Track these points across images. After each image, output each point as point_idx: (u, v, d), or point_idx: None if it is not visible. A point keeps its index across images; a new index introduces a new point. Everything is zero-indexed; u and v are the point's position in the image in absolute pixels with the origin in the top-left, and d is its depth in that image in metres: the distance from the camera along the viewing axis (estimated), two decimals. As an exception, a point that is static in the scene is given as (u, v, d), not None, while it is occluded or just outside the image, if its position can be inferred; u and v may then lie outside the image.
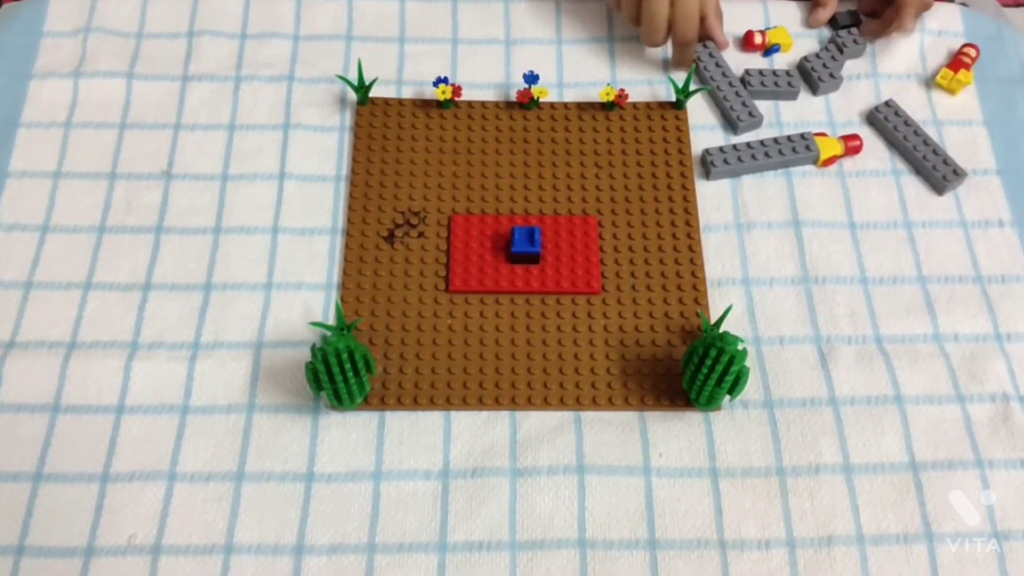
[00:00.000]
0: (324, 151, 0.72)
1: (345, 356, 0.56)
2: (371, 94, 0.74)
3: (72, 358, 0.63)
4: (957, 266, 0.68)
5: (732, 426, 0.61)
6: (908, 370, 0.63)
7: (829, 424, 0.61)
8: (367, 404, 0.61)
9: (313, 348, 0.56)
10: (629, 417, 0.61)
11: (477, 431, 0.61)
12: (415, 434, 0.61)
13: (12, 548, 0.56)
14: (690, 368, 0.59)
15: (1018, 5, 1.12)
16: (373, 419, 0.61)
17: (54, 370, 0.62)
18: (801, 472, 0.60)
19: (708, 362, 0.57)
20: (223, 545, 0.56)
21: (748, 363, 0.59)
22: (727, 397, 0.60)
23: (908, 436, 0.61)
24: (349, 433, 0.61)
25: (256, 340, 0.64)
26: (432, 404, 0.61)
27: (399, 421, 0.61)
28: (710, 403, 0.60)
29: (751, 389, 0.62)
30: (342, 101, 0.74)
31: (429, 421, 0.61)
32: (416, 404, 0.61)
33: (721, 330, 0.60)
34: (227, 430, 0.61)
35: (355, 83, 0.73)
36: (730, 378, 0.57)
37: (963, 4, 0.85)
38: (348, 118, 0.74)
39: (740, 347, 0.56)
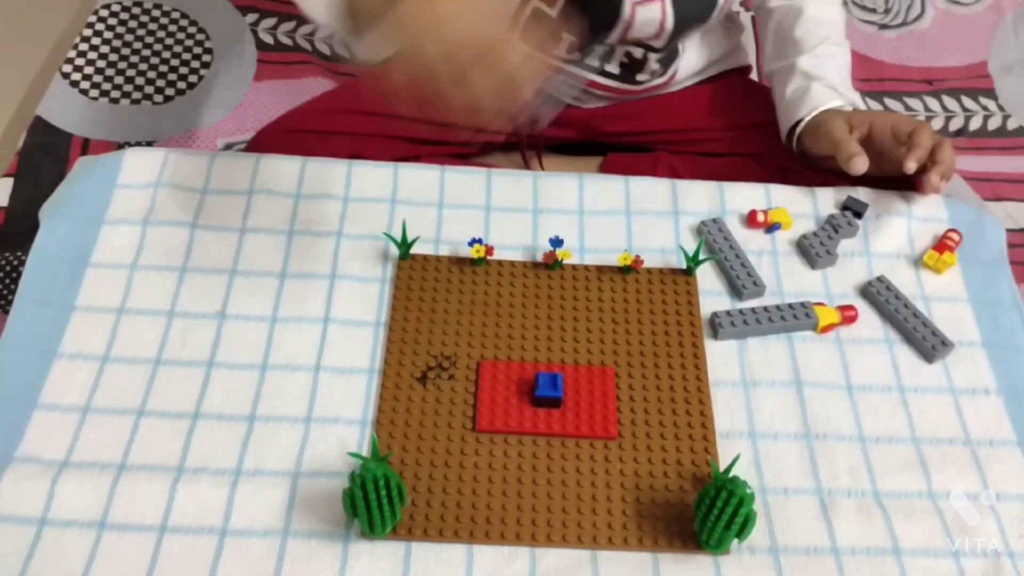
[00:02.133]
0: (366, 299, 0.79)
1: (382, 483, 0.60)
2: (412, 251, 0.81)
3: (121, 479, 0.67)
4: (948, 429, 0.73)
5: (740, 570, 0.65)
6: (905, 524, 0.67)
7: (831, 572, 0.65)
8: (395, 534, 0.65)
9: (352, 475, 0.61)
10: (643, 557, 0.65)
11: (498, 565, 0.64)
12: (439, 565, 0.64)
13: (50, 658, 0.59)
14: (702, 509, 0.63)
15: (998, 199, 1.22)
16: (400, 548, 0.65)
17: (104, 489, 0.66)
18: (806, 617, 0.63)
19: (719, 504, 0.61)
20: (252, 664, 0.59)
21: (755, 509, 0.63)
22: (735, 540, 0.64)
23: (907, 587, 0.64)
24: (377, 561, 0.64)
25: (294, 469, 0.68)
26: (456, 536, 0.65)
27: (424, 552, 0.65)
28: (719, 546, 0.64)
29: (757, 535, 0.66)
30: (385, 256, 0.82)
31: (453, 553, 0.65)
32: (441, 536, 0.65)
33: (730, 476, 0.64)
34: (262, 553, 0.64)
35: (398, 240, 0.80)
36: (739, 520, 0.61)
37: (947, 196, 0.94)
38: (390, 271, 0.81)
39: (748, 491, 0.61)
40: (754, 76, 1.14)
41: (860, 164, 0.84)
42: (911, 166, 0.83)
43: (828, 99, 0.92)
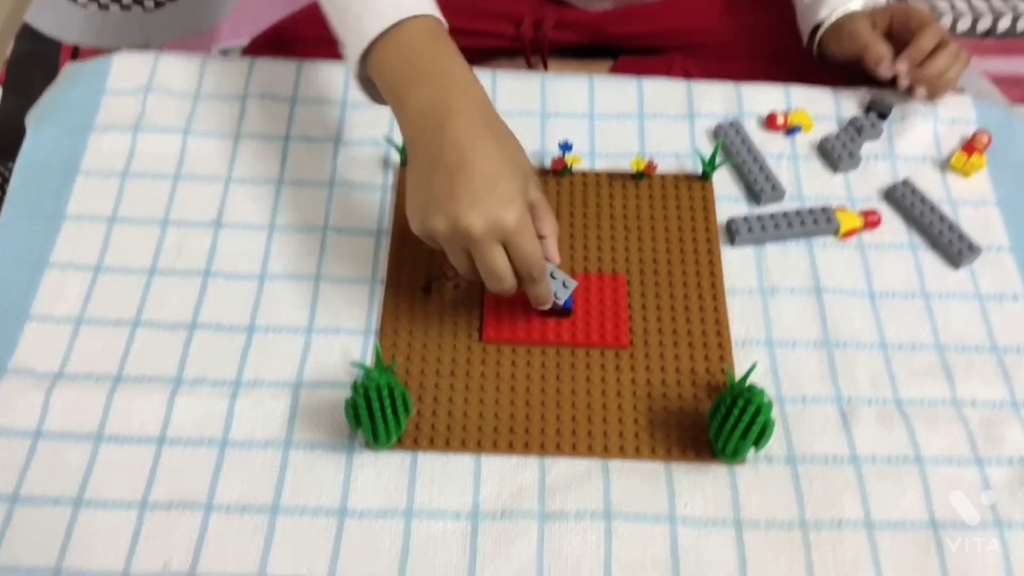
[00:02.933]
0: (366, 207, 0.76)
1: (385, 392, 0.58)
2: (414, 156, 0.78)
3: (118, 390, 0.65)
4: (973, 336, 0.71)
5: (756, 479, 0.63)
6: (927, 432, 0.65)
7: (851, 481, 0.63)
8: (400, 444, 0.63)
9: (354, 384, 0.59)
10: (656, 467, 0.63)
11: (507, 474, 0.62)
12: (446, 475, 0.62)
13: (50, 570, 0.57)
14: (717, 418, 0.61)
15: (1026, 103, 1.18)
16: (406, 459, 0.63)
17: (99, 401, 0.64)
18: (824, 526, 0.61)
19: (735, 412, 0.59)
20: (256, 575, 0.58)
21: (773, 417, 0.60)
22: (752, 450, 0.62)
23: (928, 495, 0.62)
24: (382, 471, 0.62)
25: (295, 380, 0.66)
26: (463, 447, 0.63)
27: (431, 462, 0.63)
28: (735, 455, 0.62)
29: (774, 445, 0.64)
30: (385, 163, 0.78)
31: (460, 463, 0.63)
32: (448, 446, 0.63)
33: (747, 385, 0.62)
34: (264, 464, 0.62)
35: (399, 146, 0.77)
36: (756, 429, 0.59)
37: (975, 97, 0.89)
38: (391, 178, 0.78)
39: (766, 399, 0.58)
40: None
41: (888, 69, 0.81)
42: (901, 68, 0.80)
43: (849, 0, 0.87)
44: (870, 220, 0.76)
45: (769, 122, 0.83)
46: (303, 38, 0.96)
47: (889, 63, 0.81)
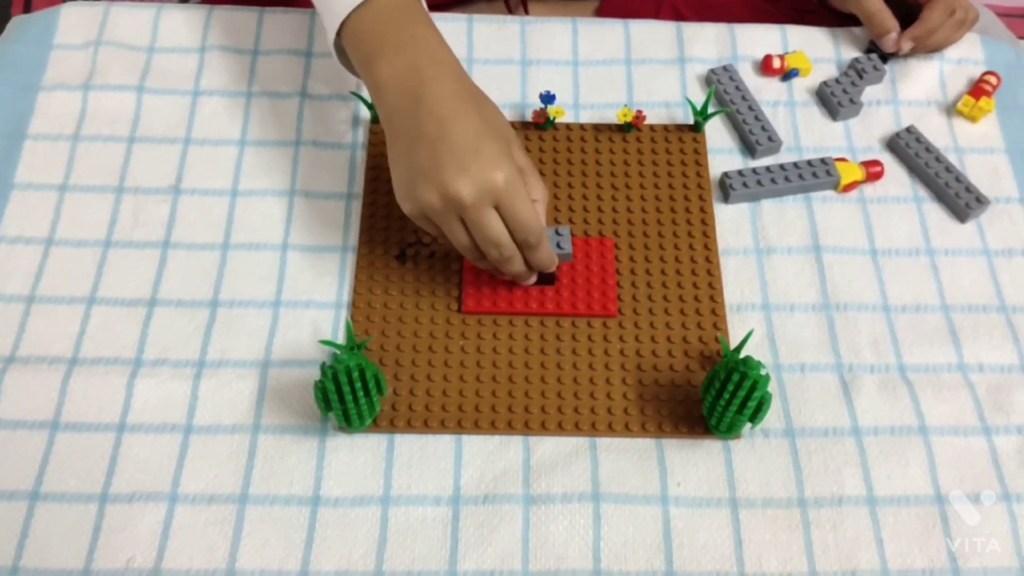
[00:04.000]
0: (336, 168, 0.71)
1: (356, 375, 0.54)
2: (385, 111, 0.73)
3: (73, 374, 0.61)
4: (981, 295, 0.67)
5: (752, 455, 0.59)
6: (932, 400, 0.62)
7: (852, 454, 0.59)
8: (376, 426, 0.59)
9: (323, 366, 0.55)
10: (646, 444, 0.60)
11: (489, 456, 0.59)
12: (425, 458, 0.59)
13: (7, 570, 0.54)
14: (711, 394, 0.57)
15: (1033, 37, 1.11)
16: (382, 442, 0.59)
17: (54, 386, 0.60)
18: (824, 503, 0.58)
19: (730, 387, 0.55)
20: (225, 570, 0.54)
21: (770, 391, 0.57)
22: (748, 425, 0.58)
23: (933, 468, 0.59)
24: (357, 456, 0.59)
25: (263, 359, 0.62)
26: (443, 427, 0.60)
27: (408, 444, 0.59)
28: (730, 431, 0.58)
29: (772, 417, 0.61)
30: (355, 119, 0.73)
31: (439, 445, 0.59)
32: (426, 427, 0.60)
33: (742, 355, 0.58)
34: (231, 451, 0.59)
35: (370, 101, 0.71)
36: (752, 404, 0.55)
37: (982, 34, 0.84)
38: (361, 135, 0.73)
39: (763, 372, 0.55)
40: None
41: (893, 45, 0.77)
42: (905, 46, 0.77)
43: None
44: (872, 172, 0.72)
45: (765, 66, 0.78)
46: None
47: (895, 39, 0.77)
